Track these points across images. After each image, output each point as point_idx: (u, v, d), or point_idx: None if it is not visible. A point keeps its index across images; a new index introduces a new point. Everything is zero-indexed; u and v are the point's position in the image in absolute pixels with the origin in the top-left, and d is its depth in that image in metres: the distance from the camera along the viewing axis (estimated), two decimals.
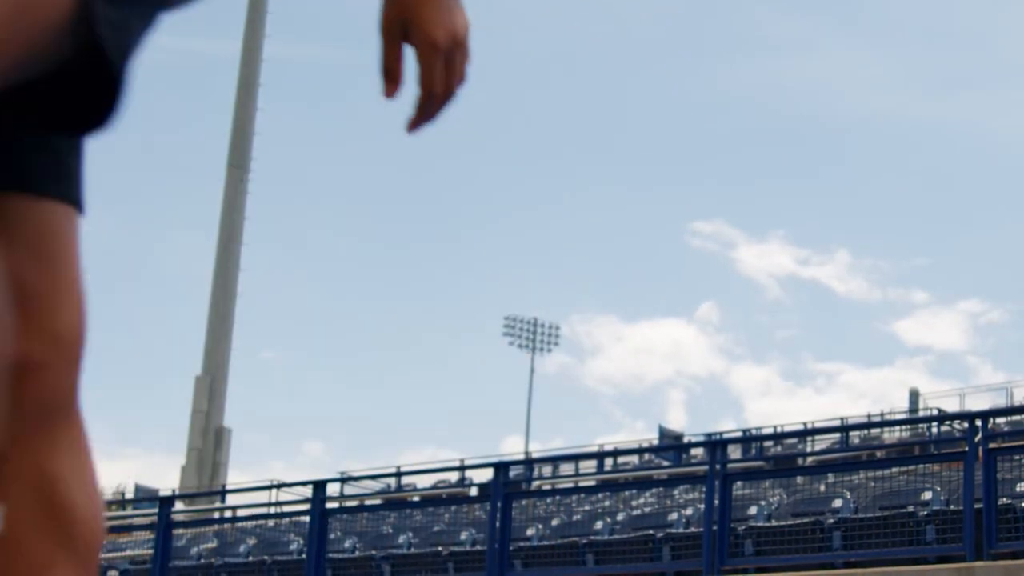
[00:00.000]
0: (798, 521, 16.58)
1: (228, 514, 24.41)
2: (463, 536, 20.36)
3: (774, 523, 17.15)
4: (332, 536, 19.90)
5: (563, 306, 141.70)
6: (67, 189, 1.83)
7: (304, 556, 19.24)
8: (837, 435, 32.28)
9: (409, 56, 1.95)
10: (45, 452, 1.79)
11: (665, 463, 31.10)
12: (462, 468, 27.84)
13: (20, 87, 1.57)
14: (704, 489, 16.26)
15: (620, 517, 20.24)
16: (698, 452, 31.19)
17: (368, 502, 27.12)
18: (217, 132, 78.61)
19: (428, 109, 1.95)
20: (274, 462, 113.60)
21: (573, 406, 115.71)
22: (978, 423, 14.69)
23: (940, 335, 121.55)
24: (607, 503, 23.12)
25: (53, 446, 1.80)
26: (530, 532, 19.41)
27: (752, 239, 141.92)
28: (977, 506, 14.29)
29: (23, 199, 1.78)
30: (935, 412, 39.62)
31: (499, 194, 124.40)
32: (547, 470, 31.36)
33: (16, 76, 1.52)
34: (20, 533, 1.76)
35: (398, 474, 35.43)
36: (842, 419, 38.06)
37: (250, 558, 22.01)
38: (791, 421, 52.49)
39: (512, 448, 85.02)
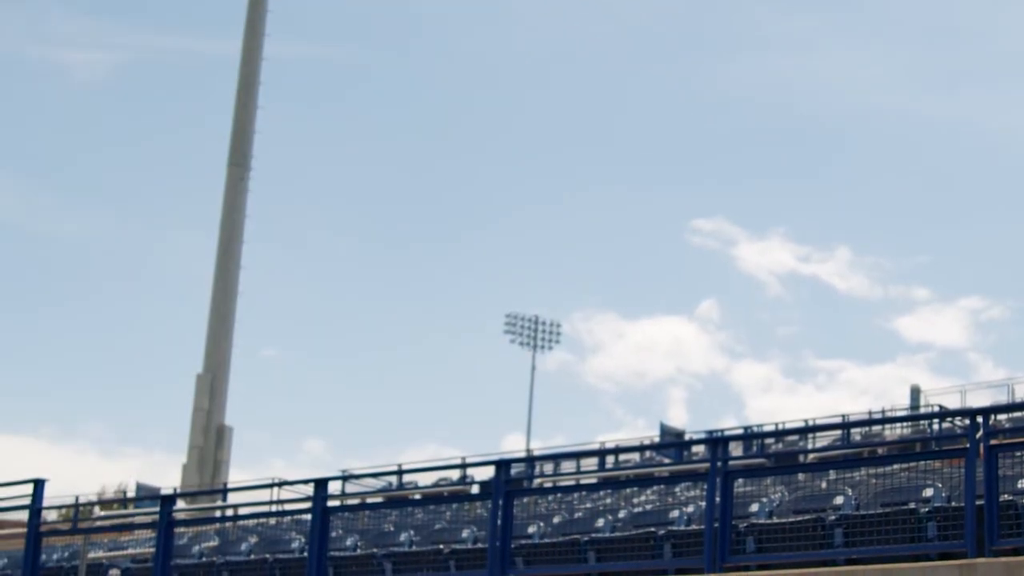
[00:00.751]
0: (800, 518, 16.57)
1: (229, 512, 24.39)
2: (464, 534, 20.34)
3: (776, 520, 17.13)
4: (333, 534, 19.89)
5: (564, 304, 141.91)
6: None
7: (306, 554, 19.23)
8: (838, 432, 32.26)
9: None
10: None
11: (666, 460, 31.05)
12: (463, 466, 27.84)
13: None
14: (705, 486, 16.24)
15: (621, 514, 20.22)
16: (699, 449, 31.21)
17: (369, 500, 27.10)
18: (217, 132, 78.58)
19: None
20: (275, 460, 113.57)
21: (574, 403, 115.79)
22: (979, 420, 14.68)
23: (941, 332, 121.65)
24: (608, 500, 23.10)
25: None
26: (531, 530, 19.40)
27: (753, 236, 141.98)
28: (978, 503, 14.29)
29: None
30: (936, 409, 39.60)
31: (499, 194, 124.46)
32: (548, 468, 31.35)
33: None
34: None
35: (399, 472, 35.51)
36: (843, 416, 37.99)
37: (252, 556, 22.00)
38: (792, 418, 52.45)
39: (513, 446, 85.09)
